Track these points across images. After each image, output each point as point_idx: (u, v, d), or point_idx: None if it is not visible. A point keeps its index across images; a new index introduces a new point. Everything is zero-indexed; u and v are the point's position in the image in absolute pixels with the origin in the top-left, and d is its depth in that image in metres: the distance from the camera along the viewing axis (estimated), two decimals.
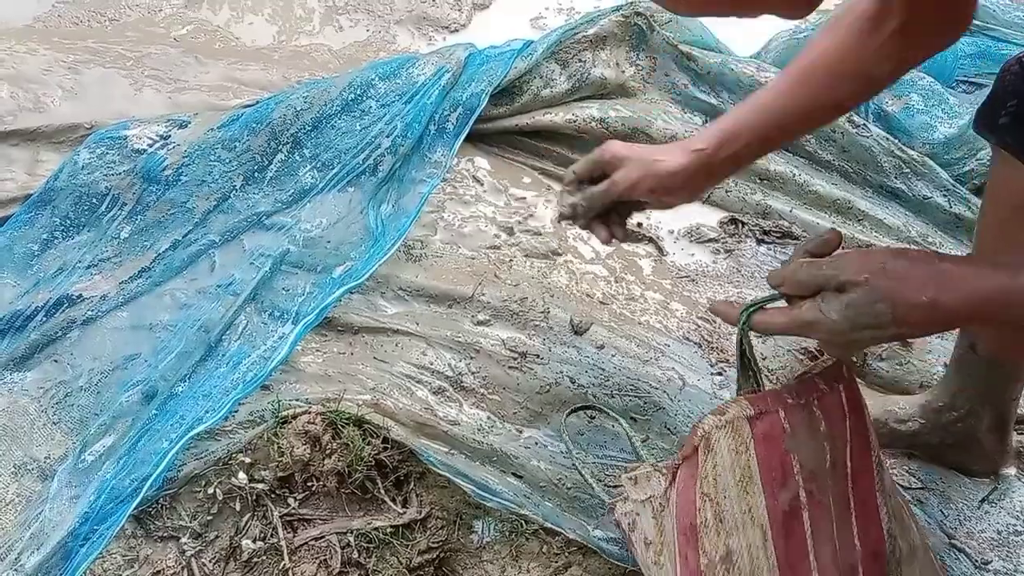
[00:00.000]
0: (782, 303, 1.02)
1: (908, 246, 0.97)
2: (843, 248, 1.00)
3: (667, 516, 1.14)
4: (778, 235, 1.91)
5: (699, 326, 1.72)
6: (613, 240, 1.44)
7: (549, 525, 1.43)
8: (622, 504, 1.27)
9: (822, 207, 1.95)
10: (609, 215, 1.44)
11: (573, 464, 1.43)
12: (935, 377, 1.67)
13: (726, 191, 1.97)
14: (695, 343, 1.70)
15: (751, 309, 1.04)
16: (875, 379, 1.69)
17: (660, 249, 1.86)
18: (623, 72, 2.10)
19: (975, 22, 2.38)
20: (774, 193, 1.98)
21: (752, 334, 1.08)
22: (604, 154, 1.38)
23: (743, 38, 2.24)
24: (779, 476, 1.03)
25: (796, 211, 1.95)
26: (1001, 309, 0.89)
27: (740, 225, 1.93)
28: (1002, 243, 1.28)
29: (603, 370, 1.60)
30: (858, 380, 1.64)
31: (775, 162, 1.99)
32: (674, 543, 1.10)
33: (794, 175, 1.97)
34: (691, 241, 1.91)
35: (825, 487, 1.06)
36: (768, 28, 2.27)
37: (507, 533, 1.44)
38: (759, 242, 1.91)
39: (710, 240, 1.91)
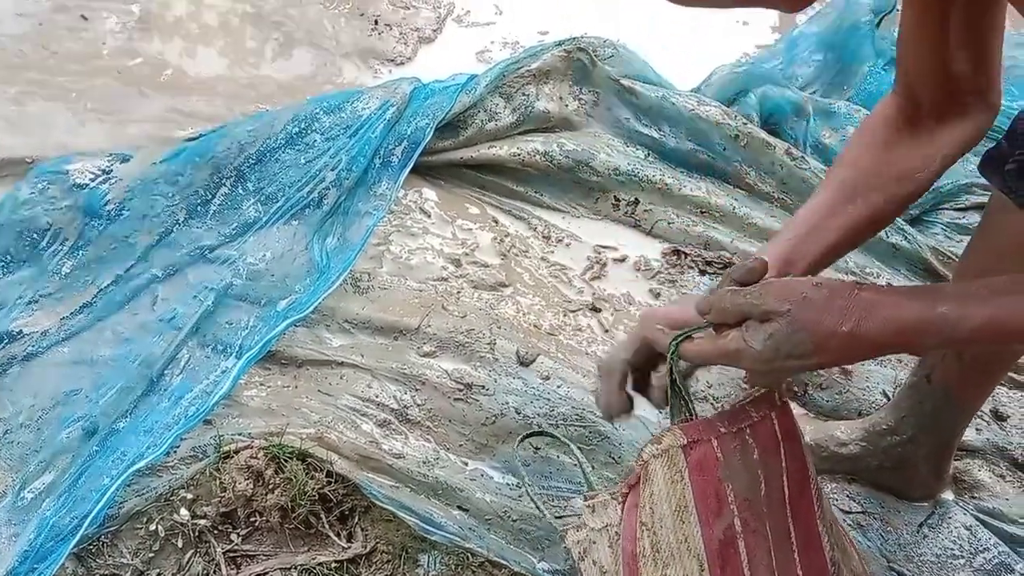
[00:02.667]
0: (711, 331, 1.02)
1: (830, 278, 0.98)
2: (769, 276, 1.01)
3: (619, 544, 1.15)
4: (720, 266, 1.94)
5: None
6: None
7: (495, 558, 1.43)
8: (574, 532, 1.28)
9: (762, 238, 1.99)
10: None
11: (525, 491, 1.43)
12: (874, 405, 1.70)
13: (668, 223, 2.00)
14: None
15: (680, 338, 1.04)
16: (815, 408, 1.72)
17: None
18: (566, 106, 2.13)
19: None
20: (715, 225, 2.01)
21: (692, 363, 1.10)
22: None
23: (684, 72, 2.28)
24: (714, 505, 1.04)
25: (737, 242, 1.98)
26: (917, 338, 0.90)
27: (683, 256, 1.96)
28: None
29: (548, 400, 1.61)
30: (799, 408, 1.68)
31: (716, 195, 2.03)
32: (619, 572, 1.11)
33: (734, 208, 2.01)
34: (636, 271, 1.93)
35: (761, 515, 1.06)
36: (709, 61, 2.31)
37: (453, 566, 1.44)
38: (701, 272, 1.94)
39: (655, 272, 1.93)
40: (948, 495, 1.62)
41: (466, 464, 1.56)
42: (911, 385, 1.50)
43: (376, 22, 2.48)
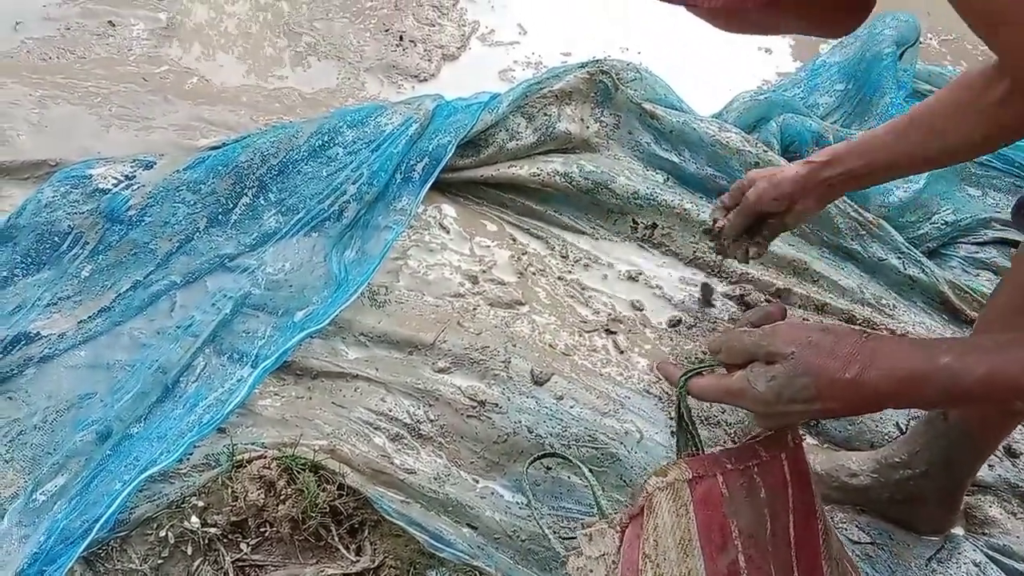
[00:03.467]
0: (721, 370, 1.04)
1: (839, 324, 0.99)
2: (789, 316, 1.02)
3: (616, 574, 1.14)
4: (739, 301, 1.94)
5: (660, 379, 1.74)
6: (749, 258, 1.67)
7: None
8: (574, 559, 1.27)
9: (780, 267, 1.98)
10: (753, 235, 1.66)
11: (531, 515, 1.43)
12: (887, 437, 1.69)
13: (691, 248, 2.00)
14: (656, 396, 1.72)
15: (690, 373, 1.05)
16: (827, 438, 1.72)
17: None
18: (587, 128, 2.14)
19: (931, 87, 2.46)
20: None
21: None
22: (743, 180, 1.59)
23: (706, 98, 2.29)
24: (718, 540, 1.03)
25: (751, 269, 1.98)
26: (918, 389, 0.89)
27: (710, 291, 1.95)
28: (1005, 328, 1.29)
29: (561, 420, 1.61)
30: (811, 437, 1.68)
31: None
32: None
33: None
34: (655, 294, 1.93)
35: (765, 552, 1.06)
36: (731, 88, 2.32)
37: None
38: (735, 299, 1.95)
39: (673, 297, 1.93)
40: (959, 530, 1.62)
41: (477, 482, 1.56)
42: (927, 420, 1.50)
43: (401, 38, 2.50)
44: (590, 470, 1.49)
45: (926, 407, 1.49)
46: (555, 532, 1.47)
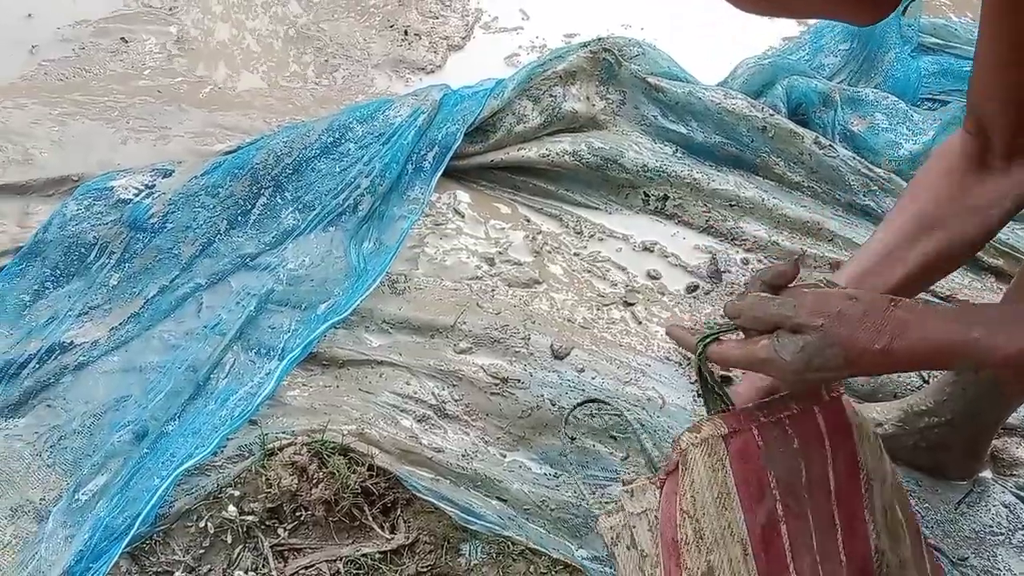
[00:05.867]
0: (739, 334, 1.03)
1: (866, 291, 0.97)
2: (801, 276, 1.02)
3: (658, 528, 1.16)
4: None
5: (679, 347, 1.76)
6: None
7: (534, 546, 1.46)
8: (606, 518, 1.30)
9: (793, 228, 2.00)
10: None
11: (568, 472, 1.45)
12: (911, 388, 1.70)
13: (704, 217, 2.02)
14: (675, 362, 1.74)
15: (707, 339, 1.05)
16: (851, 391, 1.73)
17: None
18: (593, 106, 2.16)
19: (936, 40, 2.45)
20: (746, 218, 2.02)
21: None
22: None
23: (711, 67, 2.30)
24: (756, 491, 1.05)
25: (767, 233, 1.99)
26: (949, 360, 0.92)
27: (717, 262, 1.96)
28: None
29: (583, 392, 1.64)
30: None
31: (745, 187, 2.04)
32: (660, 556, 1.12)
33: (764, 199, 2.02)
34: (669, 264, 1.95)
35: (802, 500, 1.07)
36: (735, 56, 2.33)
37: (494, 555, 1.47)
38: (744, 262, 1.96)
39: (688, 264, 1.95)
40: (987, 474, 1.62)
41: (504, 456, 1.59)
42: (957, 371, 1.50)
43: (406, 32, 2.53)
44: (613, 437, 1.53)
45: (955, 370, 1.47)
46: (591, 491, 1.49)
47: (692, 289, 1.89)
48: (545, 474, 1.56)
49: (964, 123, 1.17)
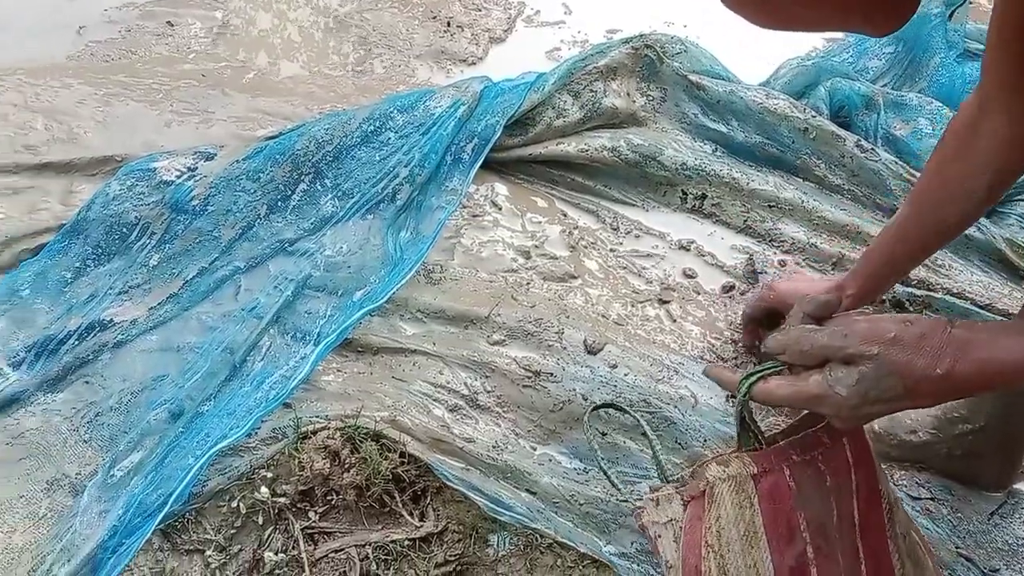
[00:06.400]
0: (785, 372, 1.00)
1: (919, 315, 0.93)
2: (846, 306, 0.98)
3: (682, 546, 1.15)
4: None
5: (714, 345, 1.76)
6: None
7: (562, 540, 1.47)
8: (647, 513, 1.29)
9: (831, 231, 1.98)
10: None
11: (597, 463, 1.43)
12: None
13: (742, 217, 2.01)
14: (708, 362, 1.73)
15: (752, 379, 1.02)
16: None
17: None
18: (634, 102, 2.16)
19: (982, 46, 2.42)
20: (784, 219, 2.01)
21: None
22: (768, 293, 1.48)
23: (753, 67, 2.29)
24: (785, 533, 1.03)
25: (805, 235, 1.98)
26: (1011, 381, 0.86)
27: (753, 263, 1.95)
28: None
29: (615, 388, 1.64)
30: None
31: (784, 188, 2.03)
32: (681, 572, 1.11)
33: (803, 201, 2.01)
34: (706, 263, 1.95)
35: (833, 540, 1.05)
36: (778, 57, 2.32)
37: (522, 547, 1.48)
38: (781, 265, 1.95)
39: (724, 264, 1.94)
40: (1021, 485, 1.61)
41: (535, 449, 1.60)
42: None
43: (448, 24, 2.54)
44: (644, 434, 1.52)
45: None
46: (617, 486, 1.48)
47: (728, 289, 1.89)
48: (575, 468, 1.57)
49: (975, 89, 1.13)
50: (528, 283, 1.85)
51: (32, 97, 2.13)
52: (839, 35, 2.58)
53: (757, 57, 2.36)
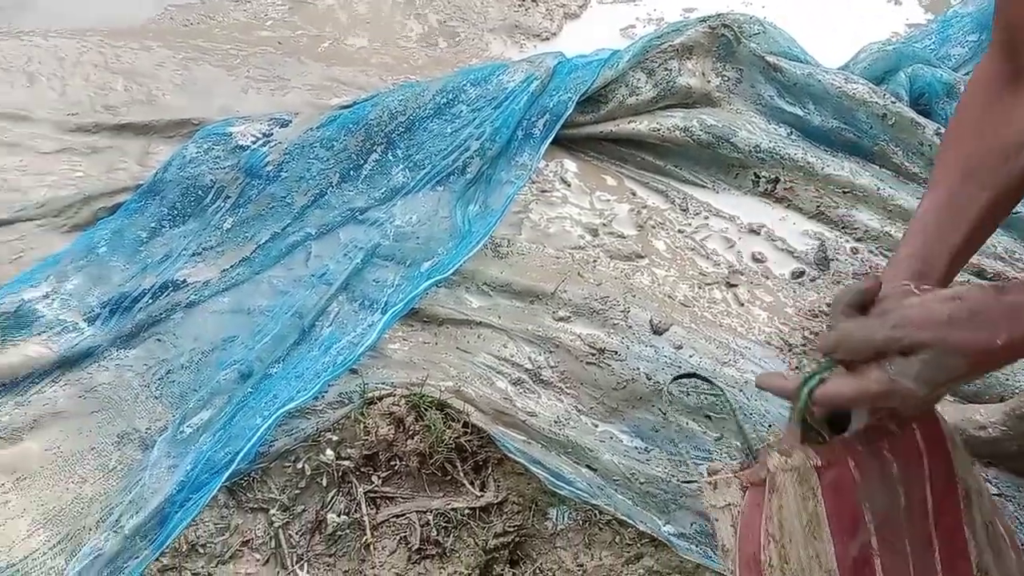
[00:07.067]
0: (841, 369, 0.96)
1: (965, 286, 0.86)
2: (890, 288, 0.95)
3: (739, 531, 1.14)
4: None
5: (782, 331, 1.74)
6: None
7: (621, 517, 1.47)
8: (705, 496, 1.28)
9: (907, 221, 1.94)
10: None
11: (731, 414, 1.39)
12: (1017, 390, 1.66)
13: (815, 203, 1.99)
14: (776, 347, 1.72)
15: (811, 384, 0.97)
16: (956, 392, 1.69)
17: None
18: (708, 82, 2.13)
19: None
20: (858, 206, 1.98)
21: None
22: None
23: (832, 50, 2.24)
24: (849, 525, 1.01)
25: (879, 223, 1.94)
26: None
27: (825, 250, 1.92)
28: None
29: (680, 368, 1.63)
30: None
31: (860, 175, 1.99)
32: (737, 565, 1.10)
33: (879, 188, 1.97)
34: (775, 247, 1.93)
35: (899, 530, 1.03)
36: (858, 41, 2.27)
37: (581, 521, 1.48)
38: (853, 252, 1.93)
39: (795, 249, 1.92)
40: None
41: (596, 426, 1.60)
42: None
43: None
44: (708, 416, 1.51)
45: None
46: (684, 464, 1.48)
47: (798, 275, 1.86)
48: (636, 447, 1.56)
49: (992, 42, 1.05)
50: (595, 260, 1.84)
51: (112, 58, 2.17)
52: (921, 20, 2.53)
53: (835, 40, 2.31)
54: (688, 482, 1.51)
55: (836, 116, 2.04)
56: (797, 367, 1.69)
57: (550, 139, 2.00)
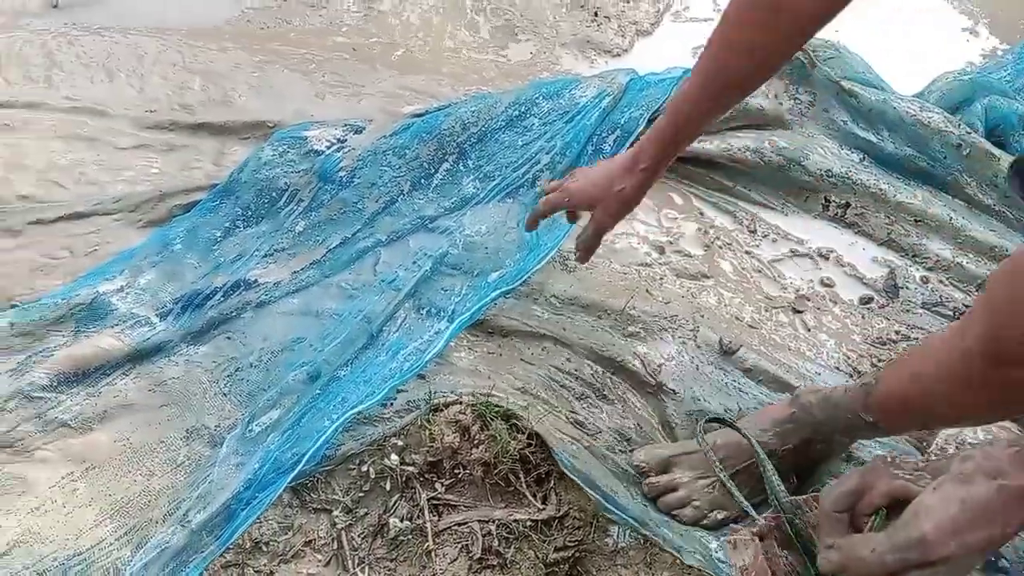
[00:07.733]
0: None
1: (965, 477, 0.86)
2: None
3: None
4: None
5: (849, 358, 1.73)
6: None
7: (668, 549, 1.42)
8: (728, 554, 1.26)
9: (979, 252, 1.93)
10: None
11: (718, 475, 1.43)
12: None
13: (886, 230, 1.97)
14: (845, 374, 1.70)
15: None
16: None
17: None
18: (781, 104, 2.12)
19: None
20: (930, 235, 1.96)
21: None
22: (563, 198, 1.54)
23: (906, 78, 2.22)
24: None
25: (950, 254, 1.92)
26: None
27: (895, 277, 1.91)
28: None
29: (746, 393, 1.62)
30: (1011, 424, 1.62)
31: (932, 204, 1.97)
32: None
33: (951, 218, 1.95)
34: (845, 273, 1.91)
35: None
36: (933, 70, 2.25)
37: (642, 541, 1.47)
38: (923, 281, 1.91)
39: (863, 276, 1.91)
40: None
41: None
42: None
43: (596, 14, 2.54)
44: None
45: None
46: (742, 502, 1.46)
47: (866, 301, 1.85)
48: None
49: None
50: (661, 278, 1.84)
51: (191, 58, 2.21)
52: (997, 50, 2.50)
53: (910, 69, 2.29)
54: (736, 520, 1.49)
55: (910, 144, 2.03)
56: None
57: None
